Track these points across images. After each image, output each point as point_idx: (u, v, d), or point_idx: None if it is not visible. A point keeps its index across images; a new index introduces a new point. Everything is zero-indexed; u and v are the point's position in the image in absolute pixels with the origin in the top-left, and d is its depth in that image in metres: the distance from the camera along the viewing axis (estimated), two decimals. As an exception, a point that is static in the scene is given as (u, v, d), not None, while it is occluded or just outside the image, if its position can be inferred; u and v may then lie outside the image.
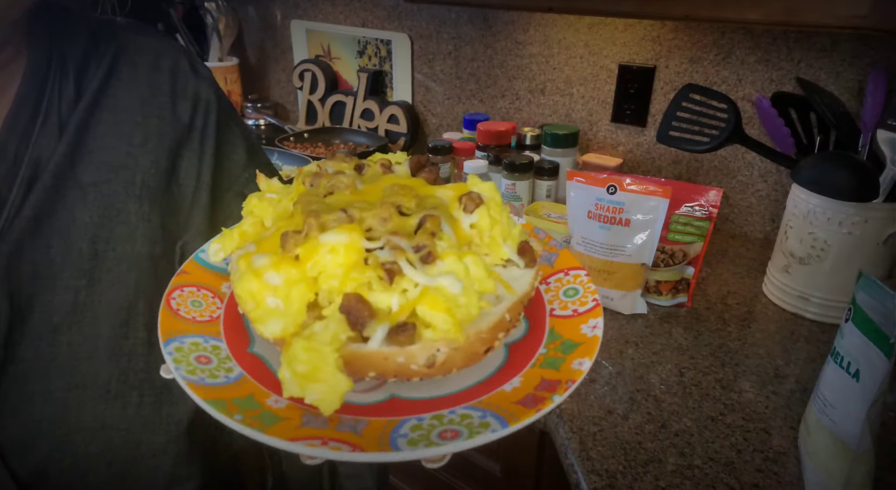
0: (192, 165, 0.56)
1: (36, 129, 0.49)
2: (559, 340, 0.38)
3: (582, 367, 0.34)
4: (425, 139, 1.61)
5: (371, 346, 0.32)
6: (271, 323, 0.33)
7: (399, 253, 0.33)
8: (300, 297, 0.33)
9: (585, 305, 0.40)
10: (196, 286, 0.42)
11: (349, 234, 0.33)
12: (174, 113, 0.56)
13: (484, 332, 0.35)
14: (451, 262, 0.34)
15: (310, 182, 0.41)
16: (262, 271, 0.33)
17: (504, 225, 0.38)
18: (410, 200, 0.37)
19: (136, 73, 0.55)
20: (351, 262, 0.33)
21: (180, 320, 0.38)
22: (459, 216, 0.38)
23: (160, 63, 0.56)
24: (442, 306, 0.32)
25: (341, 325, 0.32)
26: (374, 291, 0.33)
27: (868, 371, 0.54)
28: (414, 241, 0.34)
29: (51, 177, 0.48)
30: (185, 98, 0.57)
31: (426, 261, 0.34)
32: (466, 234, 0.37)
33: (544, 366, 0.36)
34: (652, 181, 0.87)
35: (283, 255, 0.34)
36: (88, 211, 0.50)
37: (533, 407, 0.31)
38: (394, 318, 0.33)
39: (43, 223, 0.48)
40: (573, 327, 0.39)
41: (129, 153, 0.53)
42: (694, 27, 1.12)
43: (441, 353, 0.33)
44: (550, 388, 0.33)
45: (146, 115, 0.54)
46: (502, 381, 0.36)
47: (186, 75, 0.57)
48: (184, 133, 0.56)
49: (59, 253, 0.49)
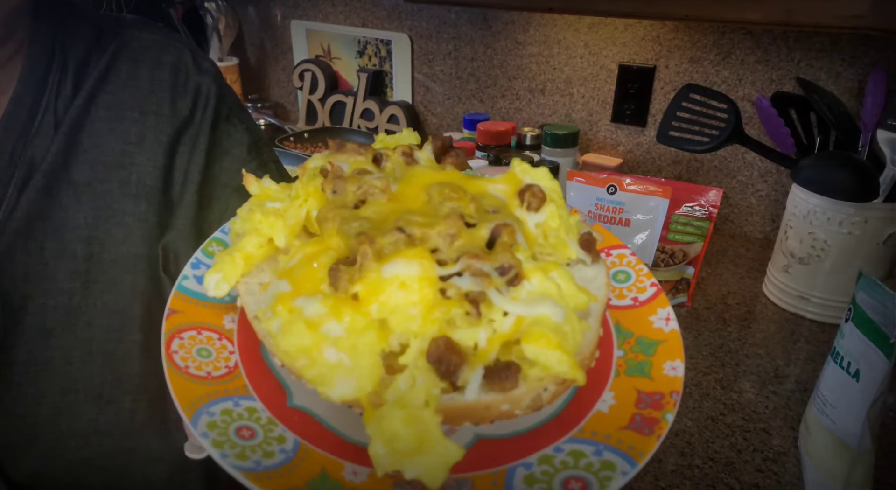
0: (184, 160, 0.55)
1: (34, 128, 0.48)
2: (632, 338, 0.33)
3: (677, 373, 0.30)
4: (425, 139, 1.61)
5: (469, 396, 0.27)
6: (339, 383, 0.27)
7: (488, 282, 0.28)
8: (371, 349, 0.27)
9: (645, 292, 0.35)
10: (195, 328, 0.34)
11: (419, 261, 0.27)
12: (173, 108, 0.55)
13: (587, 357, 0.30)
14: (539, 282, 0.28)
15: (332, 188, 0.33)
16: (318, 322, 0.27)
17: (565, 217, 0.33)
18: (468, 204, 0.31)
19: (137, 70, 0.54)
20: (428, 297, 0.27)
21: (195, 382, 0.31)
22: (523, 216, 0.32)
23: (163, 59, 0.55)
24: (553, 343, 0.27)
25: (430, 376, 0.27)
26: (458, 328, 0.27)
27: (868, 371, 0.54)
28: (496, 262, 0.28)
29: (43, 177, 0.47)
30: (186, 93, 0.56)
31: (514, 283, 0.28)
32: (534, 237, 0.32)
33: (632, 373, 0.31)
34: (652, 181, 0.87)
35: (338, 298, 0.28)
36: (83, 211, 0.49)
37: (650, 432, 0.27)
38: (483, 357, 0.27)
39: (36, 224, 0.47)
40: (640, 320, 0.34)
41: (125, 151, 0.51)
42: (694, 27, 1.12)
43: (548, 391, 0.28)
44: (656, 406, 0.29)
45: (144, 112, 0.53)
46: (591, 398, 0.31)
47: (189, 70, 0.56)
48: (182, 127, 0.55)
49: (52, 255, 0.48)
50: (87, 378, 0.49)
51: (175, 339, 0.33)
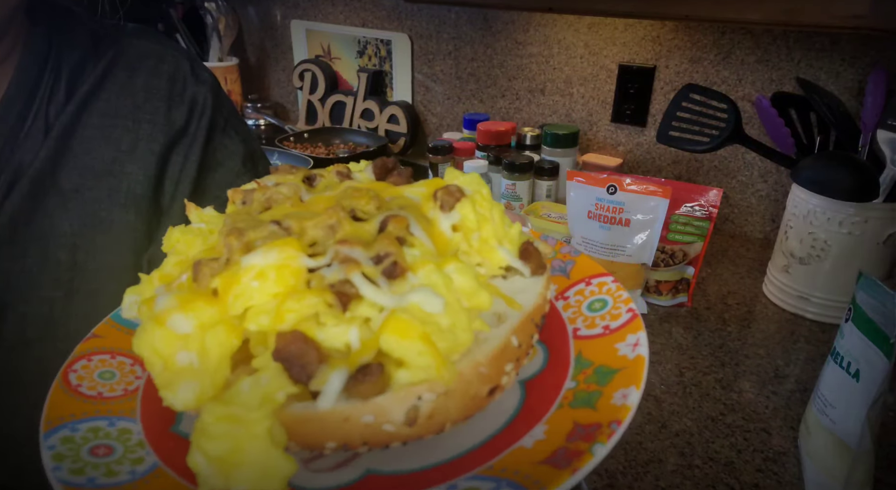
0: (175, 171, 0.54)
1: (23, 132, 0.47)
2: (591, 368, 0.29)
3: (627, 401, 0.26)
4: (425, 139, 1.61)
5: (323, 404, 0.23)
6: (182, 387, 0.23)
7: (352, 267, 0.24)
8: (219, 346, 0.24)
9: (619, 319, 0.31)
10: (110, 353, 0.32)
11: (281, 249, 0.24)
12: (168, 117, 0.54)
13: (483, 364, 0.25)
14: (427, 273, 0.25)
15: (241, 199, 0.31)
16: (165, 315, 0.24)
17: (497, 224, 0.30)
18: (368, 203, 0.28)
19: (133, 78, 0.53)
20: (287, 287, 0.24)
21: (78, 400, 0.29)
22: (437, 217, 0.29)
23: (160, 68, 0.55)
24: (415, 332, 0.23)
25: (278, 378, 0.23)
26: (325, 326, 0.24)
27: (868, 371, 0.54)
28: (373, 251, 0.25)
29: (29, 182, 0.46)
30: (182, 102, 0.55)
31: (392, 275, 0.25)
32: (448, 240, 0.29)
33: (576, 405, 0.27)
34: (652, 181, 0.87)
35: (195, 291, 0.25)
36: (69, 219, 0.48)
37: (565, 465, 0.23)
38: (354, 361, 0.23)
39: (20, 231, 0.46)
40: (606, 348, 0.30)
41: (116, 159, 0.51)
42: (694, 27, 1.12)
43: (424, 402, 0.24)
44: (587, 438, 0.24)
45: (137, 121, 0.52)
46: (519, 433, 0.27)
47: (186, 80, 0.56)
48: (176, 137, 0.54)
49: (35, 262, 0.47)
50: None
51: (81, 360, 0.31)
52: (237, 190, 0.32)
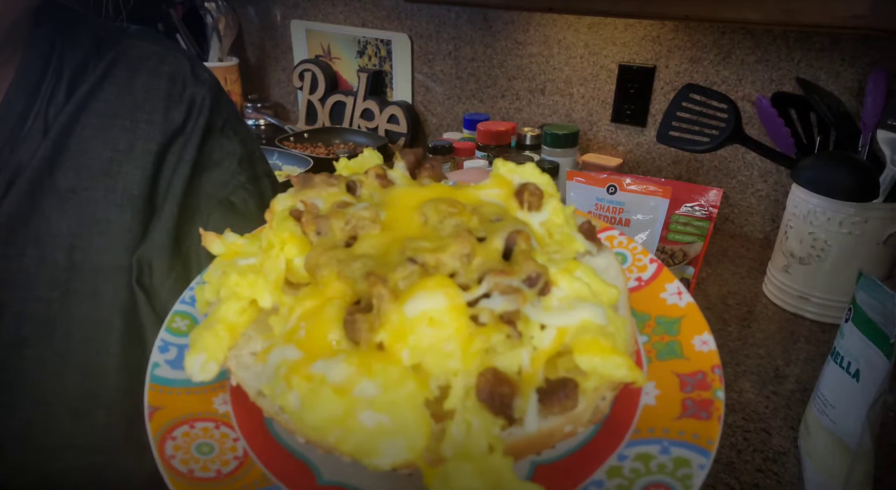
0: (169, 170, 0.54)
1: (23, 132, 0.47)
2: (650, 320, 0.31)
3: (710, 346, 0.28)
4: (425, 139, 1.61)
5: (530, 427, 0.24)
6: (386, 449, 0.23)
7: (519, 297, 0.25)
8: (412, 401, 0.23)
9: (646, 270, 0.33)
10: (186, 422, 0.29)
11: (443, 291, 0.24)
12: (166, 117, 0.54)
13: (633, 353, 0.28)
14: (568, 285, 0.26)
15: (315, 229, 0.29)
16: (348, 385, 0.23)
17: (566, 212, 0.32)
18: (470, 218, 0.29)
19: (133, 79, 0.53)
20: (462, 328, 0.24)
21: (205, 486, 0.27)
22: (526, 217, 0.30)
23: (160, 69, 0.55)
24: (606, 348, 0.25)
25: (484, 416, 0.24)
26: (499, 355, 0.25)
27: (868, 371, 0.54)
28: (522, 274, 0.26)
29: (27, 182, 0.46)
30: (181, 103, 0.55)
31: (544, 292, 0.26)
32: (540, 236, 0.30)
33: (664, 356, 0.29)
34: (652, 181, 0.87)
35: (363, 352, 0.24)
36: (66, 219, 0.48)
37: (708, 415, 0.25)
38: (532, 380, 0.25)
39: (17, 230, 0.46)
40: (652, 299, 0.32)
41: (113, 159, 0.51)
42: (694, 27, 1.12)
43: (606, 400, 0.26)
44: (702, 386, 0.27)
45: (135, 121, 0.52)
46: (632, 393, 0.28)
47: (185, 80, 0.56)
48: (173, 136, 0.54)
49: (32, 262, 0.47)
50: (60, 390, 0.47)
51: (167, 442, 0.28)
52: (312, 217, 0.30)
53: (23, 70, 0.49)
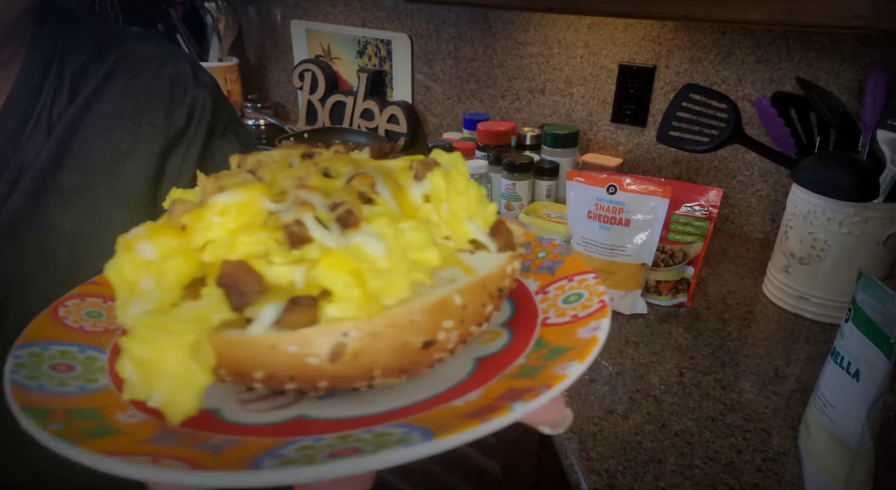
0: (174, 172, 0.55)
1: (26, 133, 0.48)
2: (546, 349, 0.29)
3: (566, 371, 0.25)
4: (425, 139, 1.61)
5: (253, 330, 0.24)
6: (134, 305, 0.25)
7: (305, 208, 0.25)
8: (175, 273, 0.25)
9: (589, 308, 0.31)
10: (103, 298, 0.34)
11: (247, 192, 0.26)
12: (168, 120, 0.55)
13: (418, 313, 0.25)
14: (380, 225, 0.26)
15: (237, 162, 0.32)
16: (133, 242, 0.26)
17: (472, 201, 0.31)
18: (345, 166, 0.29)
19: (135, 81, 0.54)
20: (244, 224, 0.25)
21: (59, 328, 0.30)
22: (408, 185, 0.30)
23: (162, 71, 0.56)
24: (346, 267, 0.24)
25: (217, 302, 0.24)
26: (274, 264, 0.25)
27: (868, 371, 0.54)
28: (331, 199, 0.26)
29: (31, 181, 0.47)
30: (183, 105, 0.56)
31: (346, 223, 0.25)
32: (416, 207, 0.29)
33: (520, 375, 0.28)
34: (652, 181, 0.87)
35: (164, 225, 0.27)
36: (69, 217, 0.49)
37: (479, 416, 0.23)
38: (291, 294, 0.24)
39: (20, 228, 0.47)
40: (569, 333, 0.30)
41: (116, 160, 0.51)
42: (694, 27, 1.12)
43: (350, 338, 0.24)
44: (513, 397, 0.24)
45: (138, 122, 0.53)
46: (454, 397, 0.27)
47: (187, 83, 0.57)
48: (175, 139, 0.55)
49: (35, 260, 0.47)
50: None
51: (74, 299, 0.32)
52: (235, 156, 0.33)
53: (25, 71, 0.49)
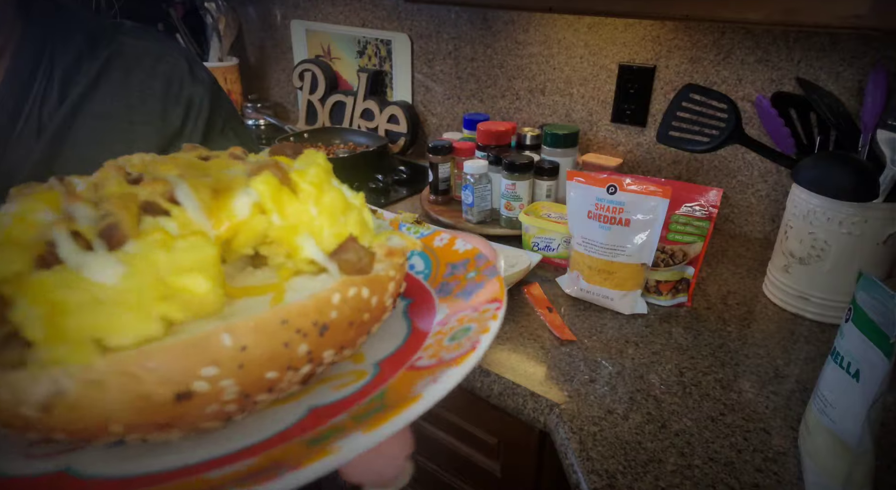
0: None
1: (14, 134, 0.47)
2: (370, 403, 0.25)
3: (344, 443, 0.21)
4: (425, 139, 1.61)
5: None
6: None
7: (61, 223, 0.22)
8: None
9: (459, 349, 0.26)
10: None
11: (27, 201, 0.24)
12: (164, 118, 0.53)
13: (156, 357, 0.21)
14: (148, 244, 0.22)
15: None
16: None
17: (326, 208, 0.26)
18: (172, 170, 0.25)
19: (129, 79, 0.52)
20: (5, 239, 0.22)
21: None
22: (235, 193, 0.25)
23: (157, 68, 0.54)
24: (43, 299, 0.20)
25: None
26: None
27: (868, 371, 0.54)
28: (98, 210, 0.23)
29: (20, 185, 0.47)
30: (178, 103, 0.54)
31: (111, 239, 0.22)
32: (242, 221, 0.25)
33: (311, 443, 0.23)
34: (652, 181, 0.87)
35: None
36: None
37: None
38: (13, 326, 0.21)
39: None
40: (408, 384, 0.25)
41: None
42: (694, 27, 1.12)
43: (63, 387, 0.20)
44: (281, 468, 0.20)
45: (133, 122, 0.52)
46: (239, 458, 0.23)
47: (183, 80, 0.55)
48: (173, 138, 0.54)
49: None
50: None
51: None
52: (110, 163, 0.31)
53: (13, 70, 0.48)
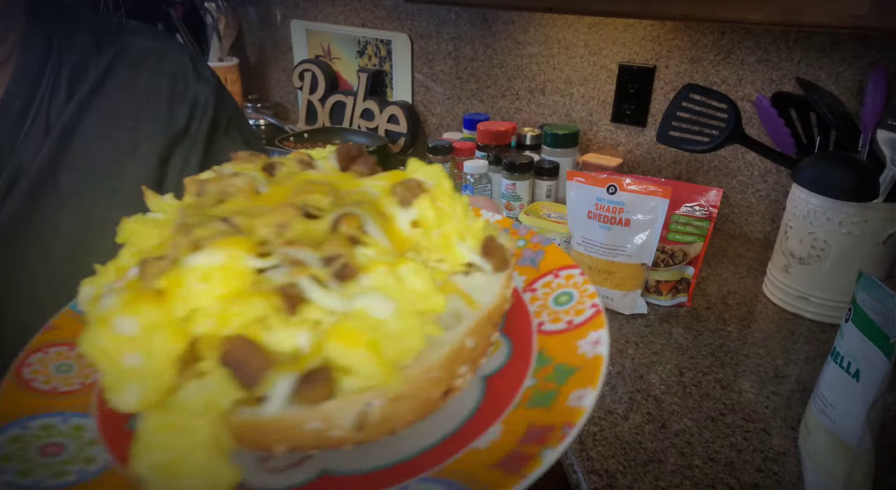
0: (176, 172, 0.54)
1: (23, 132, 0.47)
2: (551, 366, 0.29)
3: (582, 404, 0.25)
4: (425, 139, 1.61)
5: (269, 410, 0.22)
6: (127, 390, 0.23)
7: (299, 269, 0.24)
8: (164, 349, 0.23)
9: (582, 313, 0.31)
10: (68, 344, 0.31)
11: (228, 250, 0.24)
12: (170, 117, 0.54)
13: (435, 369, 0.25)
14: (379, 277, 0.24)
15: (196, 190, 0.30)
16: (109, 317, 0.23)
17: (459, 218, 0.29)
18: (324, 197, 0.27)
19: (135, 77, 0.53)
20: (232, 290, 0.23)
21: (31, 395, 0.28)
22: (395, 214, 0.28)
23: (162, 66, 0.55)
24: (360, 340, 0.22)
25: (224, 383, 0.22)
26: (274, 329, 0.23)
27: (868, 371, 0.54)
28: (323, 252, 0.24)
29: (29, 183, 0.46)
30: (184, 102, 0.55)
31: (343, 277, 0.24)
32: (406, 237, 0.28)
33: (533, 404, 0.27)
34: (652, 181, 0.87)
35: (140, 291, 0.24)
36: (69, 220, 0.48)
37: (515, 471, 0.22)
38: (302, 366, 0.23)
39: (19, 232, 0.46)
40: (566, 345, 0.29)
41: (116, 160, 0.50)
42: (694, 27, 1.12)
43: (374, 408, 0.23)
44: (539, 440, 0.24)
45: (139, 120, 0.52)
46: (475, 433, 0.26)
47: (188, 79, 0.56)
48: (177, 138, 0.54)
49: (34, 263, 0.46)
50: None
51: (37, 354, 0.30)
52: (194, 178, 0.30)
53: (21, 69, 0.48)
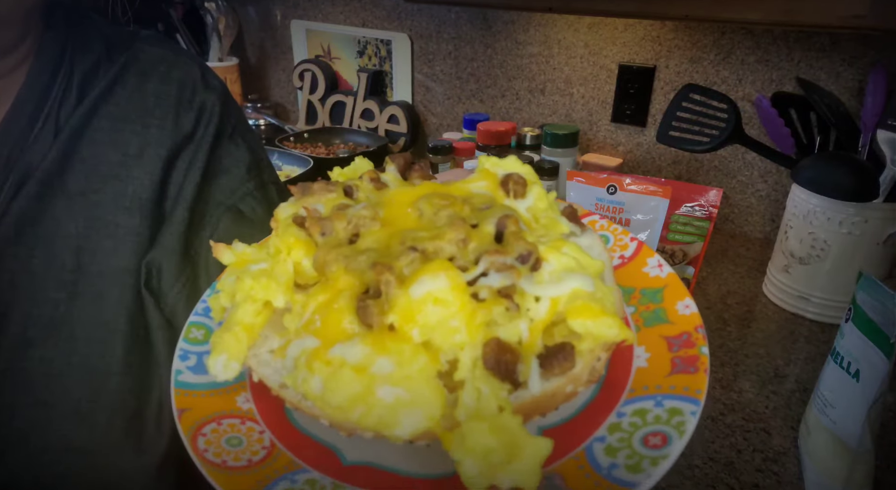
0: (179, 176, 0.54)
1: (33, 134, 0.48)
2: (635, 292, 0.34)
3: (691, 310, 0.32)
4: (425, 139, 1.61)
5: (534, 389, 0.27)
6: (405, 419, 0.26)
7: (514, 272, 0.28)
8: (426, 374, 0.26)
9: (628, 248, 0.36)
10: (214, 420, 0.32)
11: (445, 273, 0.27)
12: (176, 122, 0.54)
13: (622, 318, 0.30)
14: (556, 260, 0.29)
15: (319, 230, 0.32)
16: (366, 364, 0.26)
17: (549, 197, 0.35)
18: (462, 208, 0.32)
19: (144, 83, 0.54)
20: (465, 305, 0.27)
21: (241, 474, 0.29)
22: (513, 204, 0.33)
23: (171, 74, 0.56)
24: (597, 311, 0.28)
25: (492, 382, 0.26)
26: (500, 326, 0.28)
27: (868, 371, 0.54)
28: (514, 252, 0.29)
29: (37, 184, 0.47)
30: (191, 109, 0.56)
31: (535, 268, 0.29)
32: (527, 221, 0.33)
33: (651, 323, 0.32)
34: (652, 181, 0.87)
35: (376, 333, 0.27)
36: (74, 221, 0.48)
37: (696, 370, 0.28)
38: (532, 348, 0.28)
39: (26, 231, 0.47)
40: (635, 274, 0.35)
41: (123, 163, 0.51)
42: (694, 27, 1.12)
43: (601, 360, 0.29)
44: (688, 344, 0.30)
45: (146, 125, 0.53)
46: (626, 360, 0.31)
47: (196, 86, 0.57)
48: (183, 143, 0.55)
49: (40, 263, 0.47)
50: (64, 392, 0.47)
51: (199, 438, 0.30)
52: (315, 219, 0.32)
53: (34, 73, 0.49)
